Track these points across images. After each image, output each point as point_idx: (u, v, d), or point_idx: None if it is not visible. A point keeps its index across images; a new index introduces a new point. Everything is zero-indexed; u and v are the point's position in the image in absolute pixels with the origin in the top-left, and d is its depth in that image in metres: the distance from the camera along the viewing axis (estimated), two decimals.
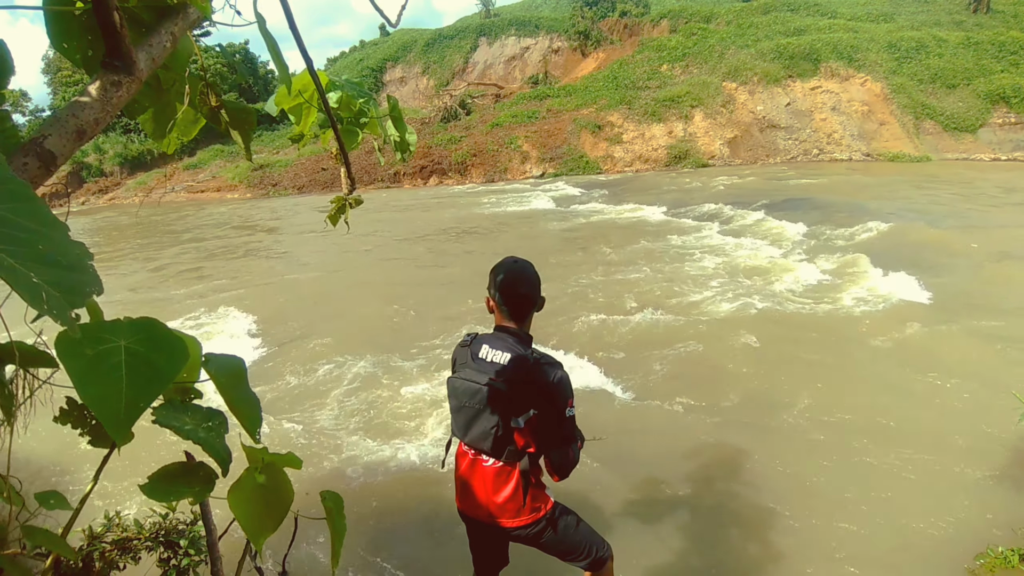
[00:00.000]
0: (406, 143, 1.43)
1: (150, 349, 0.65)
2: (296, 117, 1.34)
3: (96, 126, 0.79)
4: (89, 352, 0.61)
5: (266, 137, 36.67)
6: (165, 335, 0.67)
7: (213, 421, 0.75)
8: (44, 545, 0.71)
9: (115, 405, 0.60)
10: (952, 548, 3.26)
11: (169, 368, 0.65)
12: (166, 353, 0.65)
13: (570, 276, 9.37)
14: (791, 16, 39.55)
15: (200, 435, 0.72)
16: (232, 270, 12.08)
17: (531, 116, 33.48)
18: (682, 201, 17.30)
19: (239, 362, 0.81)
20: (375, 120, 1.35)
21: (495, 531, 2.20)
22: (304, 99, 1.31)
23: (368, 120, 1.34)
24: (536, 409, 2.00)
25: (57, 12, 0.87)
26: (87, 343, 0.62)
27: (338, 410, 5.29)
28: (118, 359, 0.62)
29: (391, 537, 3.60)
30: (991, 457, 4.11)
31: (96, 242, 17.78)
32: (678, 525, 3.59)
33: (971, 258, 9.23)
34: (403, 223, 16.95)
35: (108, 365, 0.62)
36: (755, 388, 5.38)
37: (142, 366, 0.63)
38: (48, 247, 0.54)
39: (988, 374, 5.33)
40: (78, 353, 0.61)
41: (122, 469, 4.19)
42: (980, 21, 38.87)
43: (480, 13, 52.84)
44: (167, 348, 0.66)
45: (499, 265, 2.12)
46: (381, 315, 7.95)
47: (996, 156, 28.54)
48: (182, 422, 0.72)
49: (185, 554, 2.18)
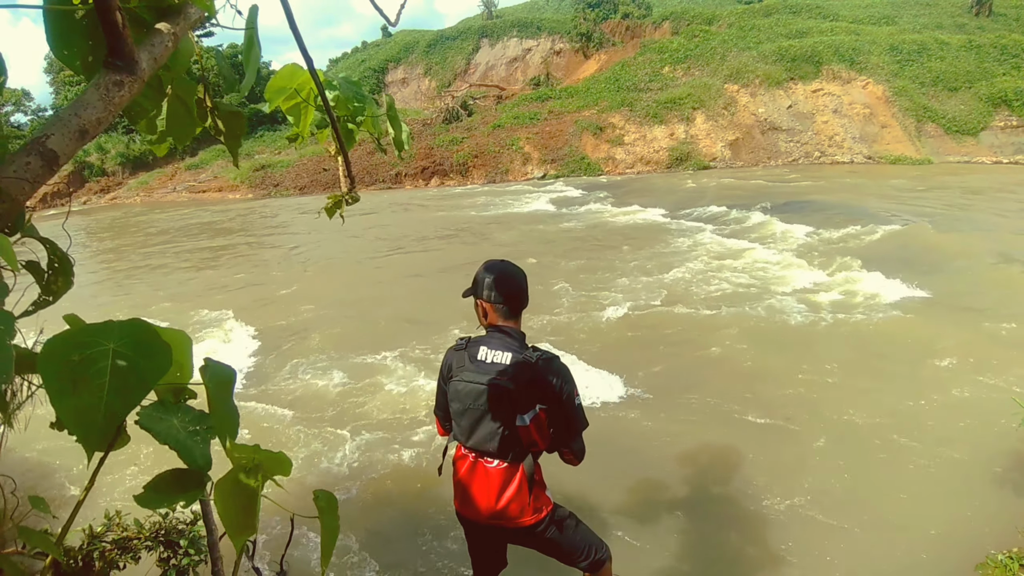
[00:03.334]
0: (402, 141, 1.44)
1: (137, 353, 0.64)
2: (295, 118, 1.34)
3: (98, 126, 0.79)
4: (75, 357, 0.61)
5: (267, 137, 36.73)
6: (152, 338, 0.66)
7: (202, 424, 0.73)
8: (37, 546, 0.71)
9: (93, 416, 0.59)
10: (953, 554, 3.25)
11: (152, 374, 0.64)
12: (151, 358, 0.65)
13: (569, 277, 9.37)
14: (793, 18, 39.56)
15: (178, 439, 0.69)
16: (232, 270, 12.09)
17: (533, 117, 33.49)
18: (683, 203, 17.30)
19: (230, 372, 0.80)
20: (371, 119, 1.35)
21: (495, 533, 2.19)
22: (301, 98, 1.31)
23: (364, 119, 1.34)
24: (543, 405, 2.04)
25: (57, 19, 0.86)
26: (74, 348, 0.61)
27: (333, 409, 5.29)
28: (104, 364, 0.61)
29: (387, 538, 3.60)
30: (991, 462, 4.10)
31: (96, 241, 17.81)
32: (677, 526, 3.58)
33: (972, 261, 9.22)
34: (404, 224, 16.96)
35: (94, 370, 0.61)
36: (755, 389, 5.37)
37: (127, 372, 0.62)
38: None
39: (989, 377, 5.32)
40: (63, 360, 0.60)
41: (124, 468, 4.20)
42: (982, 24, 38.87)
43: (482, 14, 52.90)
44: (153, 352, 0.65)
45: (486, 268, 2.15)
46: (377, 315, 7.95)
47: (998, 159, 28.51)
48: (166, 424, 0.70)
49: (185, 554, 2.18)
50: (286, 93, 1.31)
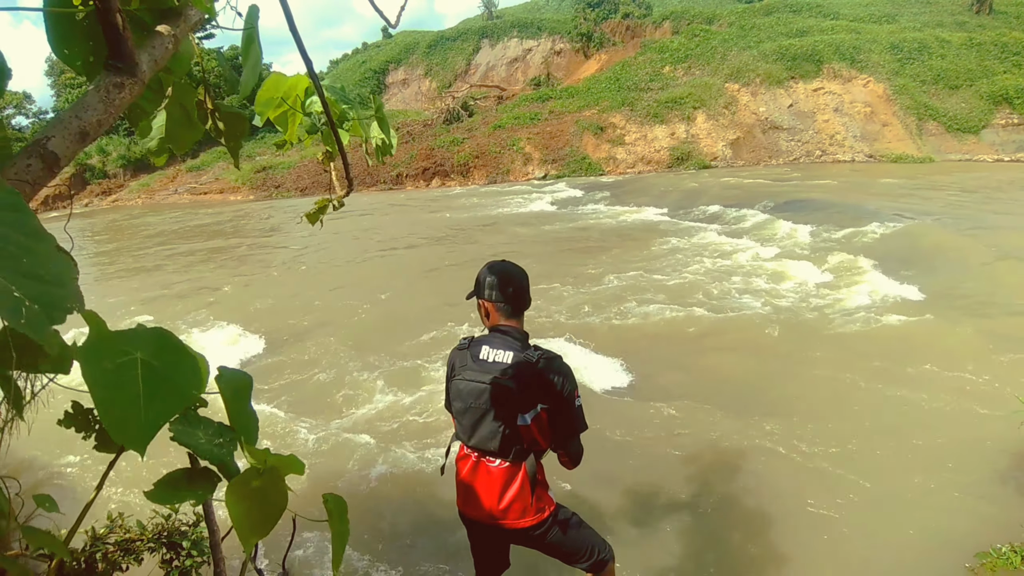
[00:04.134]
0: (388, 145, 1.44)
1: (166, 364, 0.65)
2: (282, 126, 1.35)
3: (99, 128, 0.79)
4: (109, 365, 0.61)
5: (269, 139, 36.77)
6: (178, 348, 0.68)
7: (224, 437, 0.77)
8: (43, 547, 0.71)
9: (134, 423, 0.60)
10: (953, 547, 3.25)
11: (188, 386, 0.66)
12: (183, 370, 0.66)
13: (568, 277, 9.37)
14: (793, 17, 39.55)
15: (213, 452, 0.74)
16: (232, 270, 12.10)
17: (533, 118, 33.52)
18: (684, 203, 17.28)
19: (247, 379, 0.83)
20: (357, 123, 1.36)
21: (498, 533, 2.19)
22: (288, 106, 1.31)
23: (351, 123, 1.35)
24: (545, 404, 2.04)
25: (58, 18, 0.87)
26: (106, 355, 0.62)
27: (338, 411, 5.30)
28: (135, 373, 0.62)
29: (389, 538, 3.60)
30: (993, 457, 4.09)
31: (97, 243, 17.85)
32: (679, 527, 3.58)
33: (974, 259, 9.19)
34: (404, 224, 16.97)
35: (127, 379, 0.62)
36: (755, 389, 5.37)
37: (161, 382, 0.63)
38: (32, 260, 0.52)
39: (990, 374, 5.31)
40: (99, 367, 0.60)
41: (126, 470, 4.20)
42: (983, 22, 38.82)
43: (482, 15, 52.95)
44: (183, 364, 0.67)
45: (488, 269, 2.15)
46: (379, 316, 7.96)
47: (999, 157, 28.47)
48: (196, 438, 0.75)
49: (188, 555, 2.18)
50: (274, 103, 1.32)
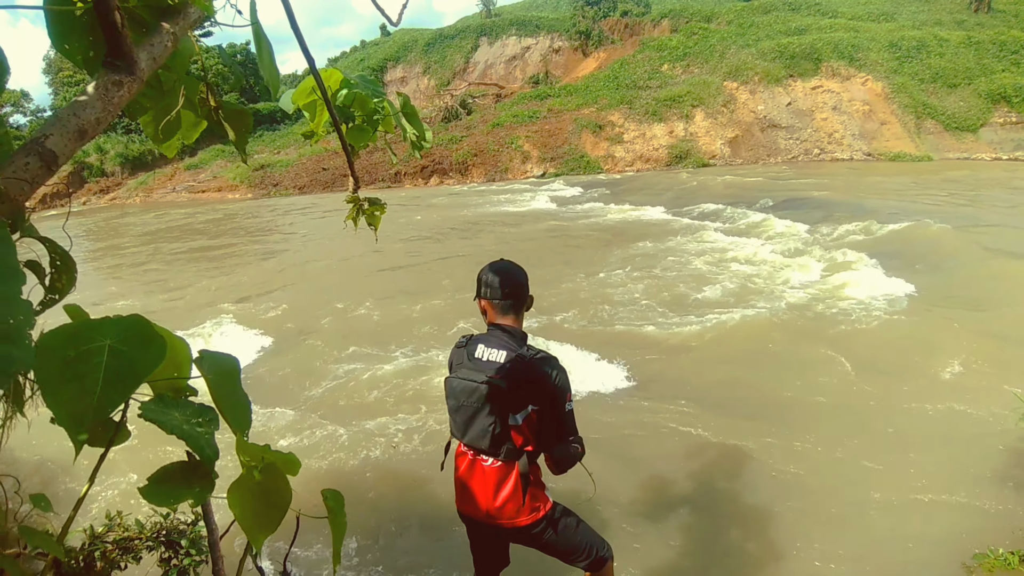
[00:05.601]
0: (422, 140, 1.44)
1: (134, 348, 0.64)
2: (310, 114, 1.35)
3: (97, 126, 0.79)
4: (71, 353, 0.61)
5: (267, 137, 36.74)
6: (150, 333, 0.66)
7: (203, 417, 0.73)
8: (39, 546, 0.70)
9: (83, 408, 0.59)
10: (951, 547, 3.26)
11: (145, 365, 0.64)
12: (145, 349, 0.64)
13: (567, 276, 9.37)
14: (792, 15, 39.57)
15: (184, 429, 0.70)
16: (231, 271, 12.08)
17: (532, 116, 33.51)
18: (682, 200, 17.28)
19: (233, 361, 0.79)
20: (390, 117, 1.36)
21: (495, 531, 2.19)
22: (317, 96, 1.31)
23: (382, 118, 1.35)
24: (535, 405, 2.03)
25: (58, 13, 0.86)
26: (69, 345, 0.61)
27: (337, 407, 5.29)
28: (100, 359, 0.61)
29: (390, 536, 3.60)
30: (991, 457, 4.10)
31: (95, 242, 17.80)
32: (678, 526, 3.58)
33: (972, 257, 9.21)
34: (404, 223, 16.95)
35: (88, 366, 0.61)
36: (755, 387, 5.37)
37: (121, 365, 0.62)
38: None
39: (988, 373, 5.32)
40: (57, 356, 0.60)
41: (125, 467, 4.20)
42: (981, 20, 38.87)
43: (481, 13, 52.82)
44: (147, 344, 0.65)
45: (488, 267, 2.16)
46: (379, 314, 7.95)
47: (997, 155, 28.52)
48: (169, 417, 0.70)
49: (186, 554, 2.18)
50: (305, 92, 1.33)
